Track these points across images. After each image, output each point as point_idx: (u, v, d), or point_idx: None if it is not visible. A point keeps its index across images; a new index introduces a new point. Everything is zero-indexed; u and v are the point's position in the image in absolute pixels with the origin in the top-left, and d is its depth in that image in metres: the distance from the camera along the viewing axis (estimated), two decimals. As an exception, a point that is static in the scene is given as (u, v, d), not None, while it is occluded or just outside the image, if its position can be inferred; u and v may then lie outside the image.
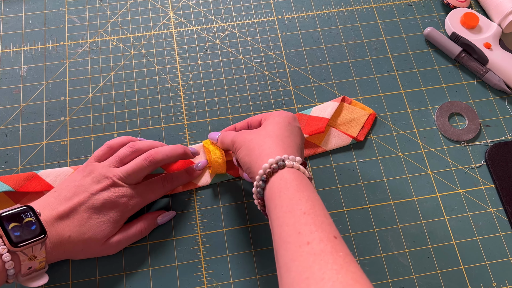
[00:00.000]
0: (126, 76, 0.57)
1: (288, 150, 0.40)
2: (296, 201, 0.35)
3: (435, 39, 0.59)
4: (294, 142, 0.41)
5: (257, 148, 0.40)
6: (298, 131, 0.43)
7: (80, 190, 0.43)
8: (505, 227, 0.50)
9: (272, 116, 0.44)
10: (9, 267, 0.36)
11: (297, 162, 0.38)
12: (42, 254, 0.38)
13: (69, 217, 0.41)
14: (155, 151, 0.46)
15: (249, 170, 0.40)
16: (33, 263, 0.38)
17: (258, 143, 0.41)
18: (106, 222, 0.43)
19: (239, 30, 0.60)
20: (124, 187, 0.44)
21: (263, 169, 0.38)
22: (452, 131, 0.55)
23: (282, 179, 0.37)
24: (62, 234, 0.40)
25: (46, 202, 0.42)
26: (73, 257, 0.43)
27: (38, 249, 0.38)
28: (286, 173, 0.37)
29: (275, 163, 0.38)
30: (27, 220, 0.38)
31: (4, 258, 0.36)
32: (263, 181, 0.38)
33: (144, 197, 0.45)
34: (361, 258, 0.48)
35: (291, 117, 0.44)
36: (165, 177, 0.47)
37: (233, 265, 0.47)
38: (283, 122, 0.43)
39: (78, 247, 0.42)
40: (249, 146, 0.41)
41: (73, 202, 0.42)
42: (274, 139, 0.40)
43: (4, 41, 0.58)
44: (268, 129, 0.42)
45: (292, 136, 0.42)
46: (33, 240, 0.37)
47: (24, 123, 0.53)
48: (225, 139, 0.46)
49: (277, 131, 0.41)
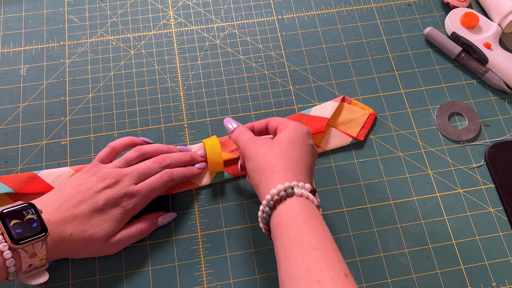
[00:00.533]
0: (126, 76, 0.57)
1: (299, 174, 0.39)
2: (304, 233, 0.34)
3: (435, 39, 0.59)
4: (306, 164, 0.40)
5: (268, 168, 0.39)
6: (311, 150, 0.42)
7: (84, 188, 0.43)
8: (505, 227, 0.50)
9: (288, 130, 0.42)
10: (10, 264, 0.36)
11: (307, 190, 0.37)
12: (43, 252, 0.38)
13: (71, 215, 0.41)
14: (164, 156, 0.47)
15: (257, 189, 0.40)
16: (34, 261, 0.38)
17: (270, 162, 0.39)
18: (108, 220, 0.43)
19: (239, 30, 0.60)
20: (127, 186, 0.44)
21: (270, 195, 0.37)
22: (452, 131, 0.55)
23: (290, 208, 0.36)
24: (63, 232, 0.40)
25: (49, 199, 0.42)
26: (73, 256, 0.43)
27: (39, 246, 0.38)
28: (295, 202, 0.36)
29: (284, 190, 0.37)
30: (28, 217, 0.38)
31: (5, 255, 0.36)
32: (269, 208, 0.37)
33: (144, 196, 0.45)
34: (361, 258, 0.48)
35: (306, 134, 0.43)
36: (165, 173, 0.47)
37: (233, 265, 0.47)
38: (298, 140, 0.41)
39: (79, 245, 0.42)
40: (260, 163, 0.40)
41: (76, 200, 0.42)
42: (286, 161, 0.39)
43: (4, 41, 0.58)
44: (282, 145, 0.40)
45: (304, 157, 0.40)
46: (34, 238, 0.37)
47: (24, 123, 0.53)
48: (239, 139, 0.44)
49: (290, 151, 0.40)
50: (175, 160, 0.48)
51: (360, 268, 0.47)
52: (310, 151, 0.42)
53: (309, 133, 0.43)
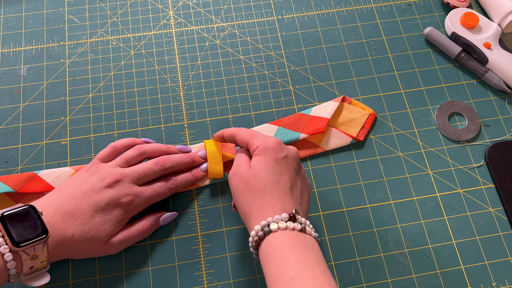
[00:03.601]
0: (126, 76, 0.57)
1: (276, 205, 0.38)
2: (283, 267, 0.35)
3: (435, 39, 0.59)
4: (283, 187, 0.40)
5: (247, 208, 0.40)
6: (285, 165, 0.41)
7: (85, 188, 0.43)
8: (505, 227, 0.50)
9: (257, 154, 0.41)
10: (11, 267, 0.36)
11: (284, 220, 0.37)
12: (44, 254, 0.38)
13: (73, 216, 0.41)
14: (166, 158, 0.47)
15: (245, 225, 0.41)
16: (35, 263, 0.38)
17: (247, 201, 0.40)
18: (109, 221, 0.43)
19: (239, 30, 0.60)
20: (128, 187, 0.44)
21: (251, 237, 0.38)
22: (452, 131, 0.55)
23: (268, 246, 0.37)
24: (65, 233, 0.40)
25: (49, 200, 0.42)
26: (74, 257, 0.43)
27: (40, 248, 0.38)
28: (272, 239, 0.37)
29: (261, 230, 0.37)
30: (29, 220, 0.38)
31: (6, 257, 0.36)
32: (254, 249, 0.38)
33: (148, 198, 0.45)
34: (361, 258, 0.48)
35: (275, 149, 0.41)
36: (169, 179, 0.47)
37: (233, 265, 0.47)
38: (269, 160, 0.40)
39: (81, 246, 0.42)
40: (240, 201, 0.40)
41: (77, 200, 0.42)
42: (262, 195, 0.39)
43: (4, 41, 0.58)
44: (256, 176, 0.40)
45: (280, 179, 0.40)
46: (35, 240, 0.37)
47: (24, 123, 0.53)
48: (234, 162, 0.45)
49: (264, 179, 0.39)
50: (176, 162, 0.48)
51: (360, 268, 0.47)
52: (286, 165, 0.41)
53: (278, 145, 0.41)
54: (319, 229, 0.49)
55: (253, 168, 0.41)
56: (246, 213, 0.40)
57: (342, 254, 0.48)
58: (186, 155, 0.49)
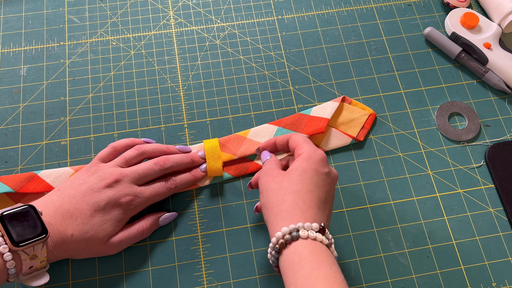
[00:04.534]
0: (126, 76, 0.57)
1: (307, 212, 0.37)
2: (312, 281, 0.33)
3: (435, 39, 0.59)
4: (317, 197, 0.39)
5: (275, 206, 0.38)
6: (324, 180, 0.40)
7: (84, 188, 0.43)
8: (505, 227, 0.50)
9: (301, 160, 0.41)
10: (10, 266, 0.36)
11: (314, 230, 0.36)
12: (43, 254, 0.38)
13: (72, 216, 0.41)
14: (166, 158, 0.47)
15: (267, 226, 0.40)
16: (34, 263, 0.38)
17: (277, 199, 0.39)
18: (109, 221, 0.43)
19: (239, 30, 0.60)
20: (128, 187, 0.44)
21: (276, 238, 0.36)
22: (452, 131, 0.55)
23: (295, 253, 0.35)
24: (64, 233, 0.40)
25: (49, 200, 0.42)
26: (74, 257, 0.43)
27: (39, 248, 0.38)
28: (300, 246, 0.35)
29: (289, 233, 0.36)
30: (28, 219, 0.38)
31: (5, 257, 0.36)
32: (276, 252, 0.37)
33: (147, 198, 0.45)
34: (361, 258, 0.48)
35: (320, 161, 0.41)
36: (169, 180, 0.47)
37: (233, 265, 0.47)
38: (310, 170, 0.40)
39: (80, 246, 0.42)
40: (269, 200, 0.39)
41: (77, 200, 0.42)
42: (294, 197, 0.38)
43: (4, 41, 0.58)
44: (292, 179, 0.39)
45: (316, 190, 0.39)
46: (35, 240, 0.37)
47: (24, 123, 0.53)
48: (262, 168, 0.44)
49: (300, 185, 0.39)
50: (175, 162, 0.48)
51: (360, 268, 0.47)
52: (324, 181, 0.40)
53: (323, 160, 0.41)
54: (319, 229, 0.49)
55: (291, 171, 0.40)
56: (274, 212, 0.38)
57: (342, 254, 0.48)
58: (186, 155, 0.49)
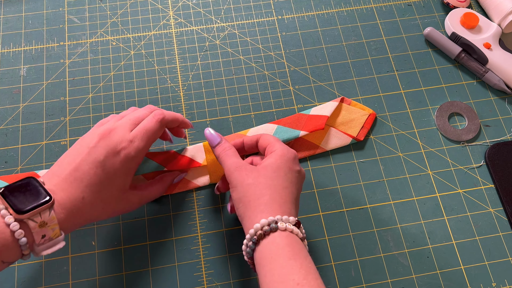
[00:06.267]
0: (126, 76, 0.57)
1: (284, 206, 0.38)
2: (288, 270, 0.34)
3: (435, 39, 0.59)
4: (291, 194, 0.40)
5: (253, 200, 0.39)
6: (296, 177, 0.41)
7: (80, 149, 0.41)
8: (505, 227, 0.50)
9: (274, 156, 0.41)
10: (19, 236, 0.35)
11: (291, 223, 0.37)
12: (53, 220, 0.36)
13: (76, 179, 0.39)
14: (158, 109, 0.45)
15: (241, 220, 0.40)
16: (46, 231, 0.36)
17: (255, 193, 0.39)
18: (114, 174, 0.41)
19: (239, 30, 0.60)
20: (122, 134, 0.42)
21: (254, 230, 0.37)
22: (452, 131, 0.55)
23: (273, 243, 0.36)
24: (74, 197, 0.39)
25: (50, 172, 0.41)
26: (97, 219, 0.42)
27: (47, 215, 0.36)
28: (278, 237, 0.36)
29: (268, 225, 0.36)
30: (30, 189, 0.37)
31: (12, 227, 0.35)
32: (253, 243, 0.37)
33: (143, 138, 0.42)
34: (361, 258, 0.48)
35: (292, 160, 0.42)
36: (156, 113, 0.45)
37: (233, 265, 0.47)
38: (284, 167, 0.41)
39: (97, 207, 0.40)
40: (245, 194, 0.39)
41: (76, 162, 0.40)
42: (271, 192, 0.39)
43: (4, 41, 0.58)
44: (267, 175, 0.40)
45: (290, 186, 0.40)
46: (39, 204, 0.36)
47: (24, 123, 0.53)
48: (223, 160, 0.43)
49: (275, 181, 0.40)
50: (168, 114, 0.45)
51: (360, 268, 0.47)
52: (296, 179, 0.41)
53: (295, 158, 0.42)
54: (319, 229, 0.49)
55: (265, 167, 0.40)
56: (251, 205, 0.38)
57: (342, 254, 0.48)
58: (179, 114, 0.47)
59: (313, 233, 0.49)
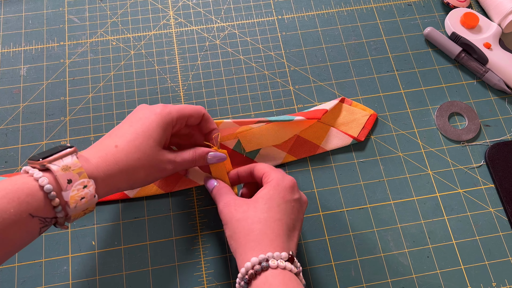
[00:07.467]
0: (126, 76, 0.57)
1: (276, 241, 0.37)
2: None
3: (435, 39, 0.59)
4: (285, 225, 0.38)
5: (242, 237, 0.38)
6: (292, 207, 0.40)
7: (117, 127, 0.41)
8: (505, 227, 0.50)
9: (268, 187, 0.40)
10: (43, 183, 0.33)
11: (283, 259, 0.36)
12: (77, 164, 0.35)
13: (110, 135, 0.39)
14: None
15: (235, 256, 0.39)
16: (70, 175, 0.34)
17: (244, 229, 0.38)
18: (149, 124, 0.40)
19: (239, 30, 0.60)
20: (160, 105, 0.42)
21: (245, 269, 0.36)
22: (452, 131, 0.55)
23: (266, 283, 0.35)
24: (106, 145, 0.38)
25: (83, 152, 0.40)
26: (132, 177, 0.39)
27: (69, 159, 0.35)
28: (271, 277, 0.35)
29: (258, 263, 0.35)
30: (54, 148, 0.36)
31: (35, 175, 0.33)
32: (245, 283, 0.36)
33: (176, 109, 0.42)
34: (361, 258, 0.48)
35: (289, 188, 0.40)
36: None
37: (233, 265, 0.47)
38: (277, 198, 0.39)
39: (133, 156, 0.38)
40: (235, 230, 0.38)
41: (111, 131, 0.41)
42: (261, 226, 0.37)
43: (4, 41, 0.58)
44: (258, 208, 0.39)
45: (284, 217, 0.38)
46: (59, 151, 0.35)
47: (24, 123, 0.53)
48: (217, 201, 0.43)
49: (267, 213, 0.38)
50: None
51: (360, 268, 0.47)
52: (292, 208, 0.39)
53: (293, 186, 0.41)
54: (319, 229, 0.49)
55: (257, 199, 0.39)
56: (241, 242, 0.37)
57: (342, 254, 0.48)
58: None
59: (313, 233, 0.49)
